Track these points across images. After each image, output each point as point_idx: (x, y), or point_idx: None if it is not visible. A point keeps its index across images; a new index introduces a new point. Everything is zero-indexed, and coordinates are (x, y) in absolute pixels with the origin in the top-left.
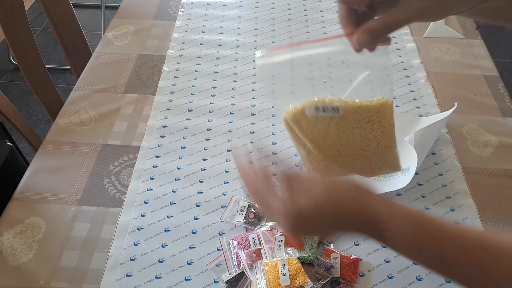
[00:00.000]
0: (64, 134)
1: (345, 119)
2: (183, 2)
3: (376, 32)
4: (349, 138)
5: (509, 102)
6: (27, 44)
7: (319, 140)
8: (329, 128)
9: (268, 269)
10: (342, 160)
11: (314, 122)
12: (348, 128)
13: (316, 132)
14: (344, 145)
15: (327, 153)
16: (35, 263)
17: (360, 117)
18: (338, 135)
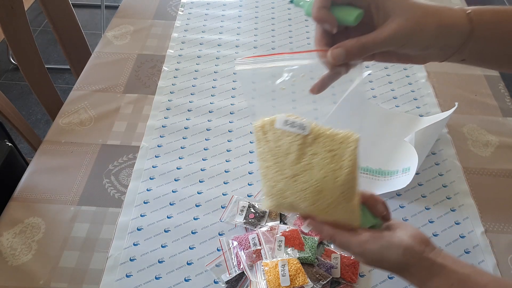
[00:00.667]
0: (63, 134)
1: (308, 142)
2: (183, 2)
3: (350, 49)
4: (307, 164)
5: (509, 102)
6: (26, 44)
7: (280, 157)
8: (291, 146)
9: (268, 270)
10: (297, 186)
11: (279, 136)
12: (308, 152)
13: (278, 147)
14: (301, 170)
15: (284, 174)
16: (35, 263)
17: (322, 144)
18: (297, 157)
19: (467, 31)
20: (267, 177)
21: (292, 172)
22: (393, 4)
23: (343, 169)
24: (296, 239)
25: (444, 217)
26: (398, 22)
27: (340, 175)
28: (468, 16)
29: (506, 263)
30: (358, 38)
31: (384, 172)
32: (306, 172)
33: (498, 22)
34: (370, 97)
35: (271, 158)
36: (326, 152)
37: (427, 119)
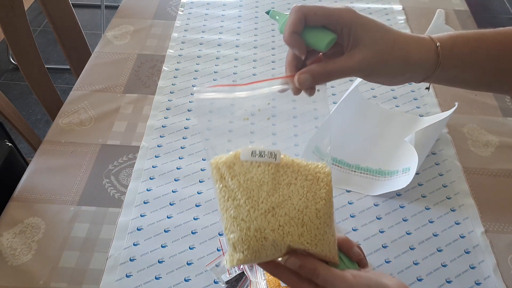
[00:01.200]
0: (63, 134)
1: (281, 170)
2: (183, 2)
3: (316, 75)
4: (285, 193)
5: (509, 102)
6: (26, 44)
7: (253, 190)
8: (264, 176)
9: None
10: (276, 220)
11: (248, 168)
12: (283, 182)
13: (249, 179)
14: (279, 201)
15: (260, 208)
16: (35, 263)
17: (296, 173)
18: (273, 186)
19: (433, 65)
20: (238, 219)
21: (269, 205)
22: (363, 32)
23: (323, 199)
24: None
25: (444, 217)
26: (364, 53)
27: (321, 205)
28: (436, 50)
29: (506, 263)
30: (325, 64)
31: (384, 172)
32: (284, 203)
33: (470, 54)
34: (370, 97)
35: (242, 193)
36: (303, 180)
37: (427, 119)
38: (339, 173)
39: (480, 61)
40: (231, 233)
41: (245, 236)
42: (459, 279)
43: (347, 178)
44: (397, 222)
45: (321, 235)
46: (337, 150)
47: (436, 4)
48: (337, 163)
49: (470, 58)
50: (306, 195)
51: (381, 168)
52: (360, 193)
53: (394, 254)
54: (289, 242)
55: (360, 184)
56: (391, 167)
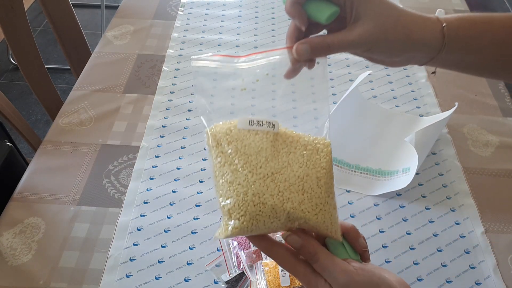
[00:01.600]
0: (63, 134)
1: (280, 139)
2: (183, 2)
3: (316, 46)
4: (284, 160)
5: (509, 102)
6: (26, 43)
7: (251, 155)
8: (262, 143)
9: (268, 270)
10: (276, 186)
11: (246, 135)
12: (282, 150)
13: (247, 145)
14: (279, 167)
15: (258, 173)
16: (35, 263)
17: (296, 143)
18: (272, 153)
19: (438, 47)
20: (235, 184)
21: (268, 170)
22: (366, 6)
23: (324, 168)
24: None
25: (444, 217)
26: (365, 28)
27: (323, 174)
28: (442, 31)
29: (506, 263)
30: (324, 37)
31: (384, 172)
32: (284, 170)
33: (475, 37)
34: (370, 97)
35: (240, 158)
36: (302, 150)
37: (427, 119)
38: (339, 173)
39: (485, 45)
40: (227, 199)
41: (242, 201)
42: (459, 279)
43: (347, 178)
44: (397, 222)
45: (322, 204)
46: (337, 150)
47: (436, 4)
48: (337, 163)
49: (476, 42)
50: (307, 164)
51: (381, 168)
52: (360, 193)
53: (394, 254)
54: (289, 209)
55: (360, 184)
56: (391, 167)
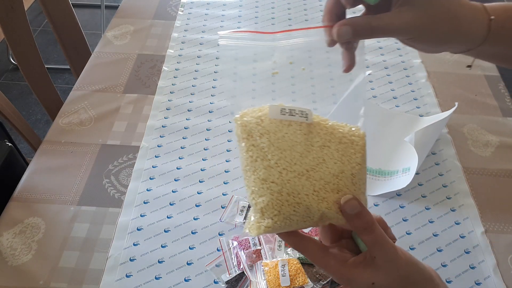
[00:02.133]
0: (63, 134)
1: (314, 130)
2: (183, 2)
3: (359, 28)
4: (319, 156)
5: (509, 102)
6: (26, 43)
7: (285, 150)
8: (296, 136)
9: (268, 270)
10: (311, 185)
11: (278, 126)
12: (315, 144)
13: (281, 138)
14: (314, 163)
15: (293, 170)
16: (35, 263)
17: (331, 135)
18: (306, 147)
19: (481, 39)
20: (268, 182)
21: (303, 167)
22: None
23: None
24: None
25: (444, 217)
26: (414, 14)
27: (357, 170)
28: (488, 24)
29: (506, 263)
30: (370, 18)
31: (384, 172)
32: (319, 166)
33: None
34: (370, 97)
35: (273, 153)
36: (337, 143)
37: (427, 119)
38: None
39: None
40: (260, 197)
41: (276, 201)
42: (459, 279)
43: None
44: (397, 222)
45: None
46: None
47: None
48: None
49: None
50: (341, 159)
51: (381, 168)
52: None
53: None
54: (324, 209)
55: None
56: (391, 167)
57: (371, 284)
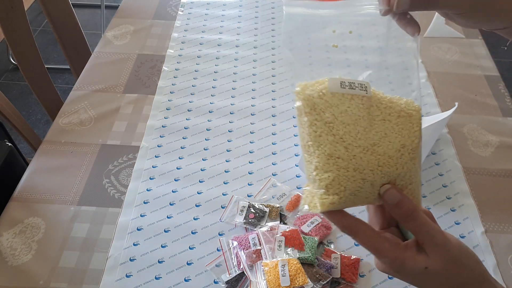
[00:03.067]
0: (63, 134)
1: (374, 104)
2: (183, 2)
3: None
4: (381, 130)
5: (509, 102)
6: (26, 43)
7: (349, 125)
8: (359, 110)
9: (268, 270)
10: (376, 160)
11: (340, 99)
12: (377, 118)
13: (344, 113)
14: (378, 138)
15: (358, 145)
16: (35, 263)
17: (390, 109)
18: (369, 121)
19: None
20: (334, 157)
21: (368, 142)
22: None
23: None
24: (296, 239)
25: (444, 217)
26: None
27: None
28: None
29: (506, 263)
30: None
31: None
32: (382, 141)
33: None
34: None
35: (338, 128)
36: (396, 117)
37: (427, 119)
38: None
39: None
40: (325, 173)
41: (342, 177)
42: None
43: None
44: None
45: (413, 179)
46: None
47: None
48: None
49: None
50: (402, 133)
51: None
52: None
53: None
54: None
55: None
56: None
57: (424, 268)
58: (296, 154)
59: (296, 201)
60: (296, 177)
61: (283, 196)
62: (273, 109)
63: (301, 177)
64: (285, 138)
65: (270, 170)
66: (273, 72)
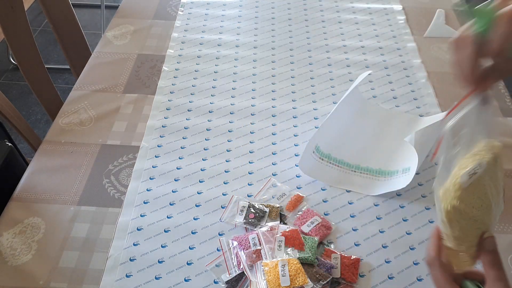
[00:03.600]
0: (63, 134)
1: (495, 164)
2: (183, 2)
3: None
4: (499, 184)
5: (509, 102)
6: (26, 43)
7: (485, 208)
8: (491, 189)
9: (268, 270)
10: (492, 217)
11: (472, 191)
12: (499, 173)
13: (479, 201)
14: (496, 198)
15: (488, 221)
16: (35, 263)
17: (500, 165)
18: (495, 184)
19: None
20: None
21: (495, 201)
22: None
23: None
24: (296, 239)
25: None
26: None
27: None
28: None
29: (506, 263)
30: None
31: (385, 172)
32: (496, 198)
33: None
34: (370, 97)
35: (479, 215)
36: (500, 170)
37: (427, 119)
38: (339, 173)
39: None
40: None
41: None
42: None
43: (348, 178)
44: (397, 222)
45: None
46: (337, 150)
47: (436, 4)
48: (337, 163)
49: None
50: (498, 184)
51: (381, 168)
52: (360, 193)
53: (394, 254)
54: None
55: (360, 184)
56: (391, 167)
57: None
58: (296, 154)
59: (296, 201)
60: (296, 177)
61: (283, 196)
62: (273, 109)
63: (301, 177)
64: (285, 138)
65: (270, 170)
66: (273, 72)
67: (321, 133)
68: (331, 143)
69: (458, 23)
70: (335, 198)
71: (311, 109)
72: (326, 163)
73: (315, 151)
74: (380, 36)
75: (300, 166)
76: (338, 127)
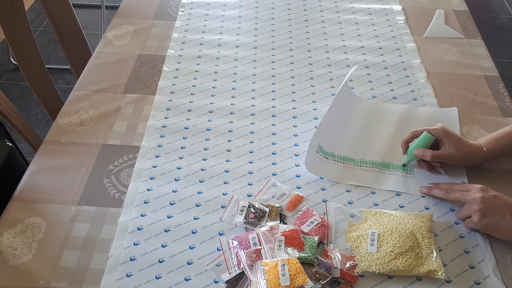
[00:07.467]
0: (64, 134)
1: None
2: (183, 2)
3: (432, 155)
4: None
5: (509, 102)
6: (27, 44)
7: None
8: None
9: (268, 269)
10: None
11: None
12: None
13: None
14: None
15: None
16: (35, 263)
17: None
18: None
19: (483, 158)
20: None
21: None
22: (450, 140)
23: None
24: (296, 239)
25: (443, 216)
26: (450, 150)
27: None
28: (485, 154)
29: (506, 263)
30: (433, 152)
31: (389, 165)
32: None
33: (502, 148)
34: (370, 97)
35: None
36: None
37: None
38: (346, 170)
39: (507, 149)
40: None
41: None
42: (459, 279)
43: (355, 173)
44: None
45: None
46: (339, 147)
47: (436, 4)
48: (342, 159)
49: (503, 151)
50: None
51: (385, 160)
52: (369, 187)
53: None
54: None
55: (369, 178)
56: (394, 160)
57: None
58: (296, 154)
59: (296, 200)
60: (296, 177)
61: (283, 196)
62: (273, 109)
63: (301, 177)
64: (285, 138)
65: (270, 170)
66: (273, 72)
67: (320, 133)
68: (332, 141)
69: (458, 23)
70: (335, 198)
71: (311, 109)
72: (331, 161)
73: (318, 150)
74: (380, 37)
75: (306, 166)
76: (336, 124)
